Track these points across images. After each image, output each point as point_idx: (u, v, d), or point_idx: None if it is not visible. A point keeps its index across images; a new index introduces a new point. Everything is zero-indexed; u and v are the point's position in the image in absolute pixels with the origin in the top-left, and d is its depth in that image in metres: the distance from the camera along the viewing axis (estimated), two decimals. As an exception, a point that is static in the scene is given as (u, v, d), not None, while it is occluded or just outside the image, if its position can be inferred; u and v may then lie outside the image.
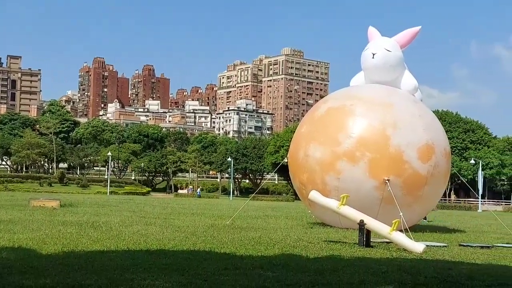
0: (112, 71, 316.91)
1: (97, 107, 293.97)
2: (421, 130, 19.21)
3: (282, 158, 65.71)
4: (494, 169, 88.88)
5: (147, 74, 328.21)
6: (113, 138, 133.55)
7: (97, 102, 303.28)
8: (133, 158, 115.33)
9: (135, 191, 79.24)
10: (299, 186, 20.80)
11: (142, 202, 44.73)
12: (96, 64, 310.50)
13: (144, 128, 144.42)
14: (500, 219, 28.21)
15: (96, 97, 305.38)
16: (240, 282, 8.44)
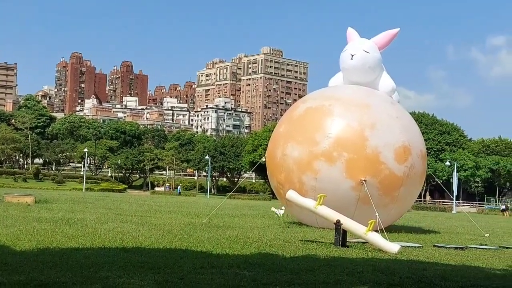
0: (90, 66, 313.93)
1: (74, 103, 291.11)
2: (398, 132, 19.37)
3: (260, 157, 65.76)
4: (468, 171, 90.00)
5: (125, 70, 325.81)
6: (89, 134, 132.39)
7: (74, 97, 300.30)
8: (110, 154, 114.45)
9: (111, 188, 78.66)
10: (277, 185, 20.84)
11: (118, 199, 44.42)
12: (73, 59, 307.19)
13: (121, 124, 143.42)
14: (474, 220, 28.60)
15: (73, 92, 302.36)
16: (216, 281, 8.43)
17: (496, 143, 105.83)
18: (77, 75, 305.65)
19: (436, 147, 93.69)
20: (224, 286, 8.11)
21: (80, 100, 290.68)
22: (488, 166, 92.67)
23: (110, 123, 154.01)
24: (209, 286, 8.03)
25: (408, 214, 34.76)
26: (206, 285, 8.08)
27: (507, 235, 24.28)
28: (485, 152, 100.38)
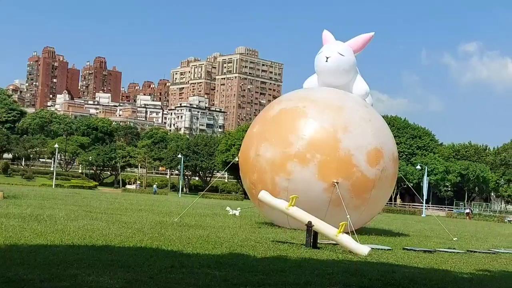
0: (62, 61, 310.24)
1: (45, 98, 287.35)
2: (370, 135, 19.52)
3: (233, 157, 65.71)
4: (439, 175, 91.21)
5: (98, 66, 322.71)
6: (60, 130, 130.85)
7: (46, 92, 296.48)
8: (81, 151, 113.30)
9: (81, 184, 77.86)
10: (249, 185, 20.84)
11: (88, 196, 43.98)
12: (46, 54, 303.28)
13: (93, 121, 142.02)
14: (442, 224, 28.96)
15: (45, 87, 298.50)
16: (187, 280, 8.39)
17: (466, 148, 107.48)
18: (49, 70, 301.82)
19: (408, 151, 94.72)
20: (194, 285, 8.07)
21: (52, 95, 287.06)
22: (458, 171, 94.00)
23: (81, 119, 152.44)
24: (179, 286, 7.98)
25: (378, 217, 35.04)
26: (176, 285, 8.03)
27: (474, 239, 24.65)
28: (455, 156, 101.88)
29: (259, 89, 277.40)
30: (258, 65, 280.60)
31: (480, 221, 63.57)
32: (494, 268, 13.27)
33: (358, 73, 21.99)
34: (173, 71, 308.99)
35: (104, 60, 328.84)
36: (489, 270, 12.65)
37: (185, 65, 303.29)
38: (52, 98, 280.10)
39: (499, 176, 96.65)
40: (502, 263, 14.63)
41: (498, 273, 12.42)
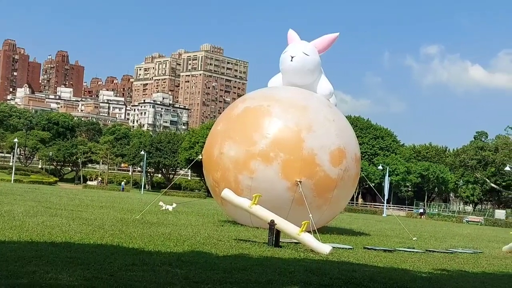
0: (24, 54, 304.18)
1: (5, 91, 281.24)
2: (334, 135, 19.66)
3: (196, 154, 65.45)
4: (400, 175, 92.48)
5: (60, 60, 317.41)
6: (20, 124, 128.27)
7: (6, 85, 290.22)
8: (41, 146, 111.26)
9: (41, 180, 76.48)
10: (212, 183, 20.78)
11: (48, 192, 43.25)
12: (6, 46, 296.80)
13: (54, 115, 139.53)
14: (402, 224, 29.39)
15: (5, 80, 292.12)
16: (147, 278, 8.32)
17: (427, 149, 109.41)
18: (9, 63, 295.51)
19: (370, 151, 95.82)
20: (155, 283, 8.01)
21: (12, 89, 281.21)
22: (418, 171, 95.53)
23: (42, 114, 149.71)
24: (140, 283, 7.91)
25: (340, 216, 35.38)
26: (136, 282, 7.95)
27: (433, 239, 25.07)
28: (416, 157, 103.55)
29: (224, 87, 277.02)
30: (223, 62, 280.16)
31: (439, 221, 64.83)
32: (452, 267, 13.52)
33: (322, 73, 22.13)
34: (137, 67, 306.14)
35: (66, 54, 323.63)
36: (447, 270, 12.88)
37: (149, 61, 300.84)
38: (12, 91, 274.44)
39: (458, 177, 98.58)
40: (460, 262, 14.92)
41: (455, 272, 12.66)
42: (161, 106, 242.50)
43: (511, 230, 38.18)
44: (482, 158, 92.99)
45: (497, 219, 73.72)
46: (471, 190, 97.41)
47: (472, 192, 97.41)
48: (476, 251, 19.20)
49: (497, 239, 29.39)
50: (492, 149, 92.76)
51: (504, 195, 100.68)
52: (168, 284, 8.02)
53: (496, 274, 13.08)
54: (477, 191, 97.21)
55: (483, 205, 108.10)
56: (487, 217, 75.27)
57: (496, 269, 14.08)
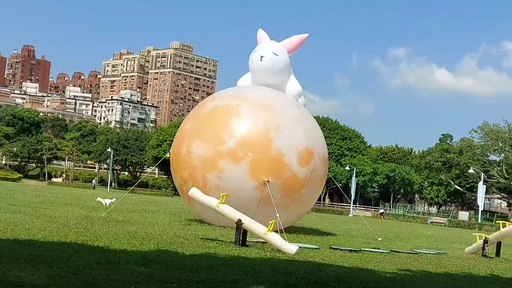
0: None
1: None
2: (302, 135, 19.74)
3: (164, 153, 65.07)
4: (366, 176, 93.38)
5: (26, 55, 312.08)
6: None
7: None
8: (5, 141, 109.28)
9: (5, 176, 75.06)
10: (180, 182, 20.68)
11: (12, 188, 42.50)
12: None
13: (19, 111, 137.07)
14: (368, 224, 29.67)
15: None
16: (112, 277, 8.24)
17: (393, 151, 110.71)
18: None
19: (338, 152, 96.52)
20: (120, 282, 7.93)
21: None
22: (385, 173, 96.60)
23: (7, 109, 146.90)
24: (104, 282, 7.82)
25: (307, 216, 35.55)
26: (101, 281, 7.86)
27: (398, 239, 25.37)
28: (382, 159, 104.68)
29: (193, 85, 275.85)
30: (192, 60, 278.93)
31: (404, 222, 65.65)
32: (416, 268, 13.70)
33: (291, 74, 22.20)
34: (105, 63, 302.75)
35: (32, 48, 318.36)
36: (411, 270, 13.05)
37: (118, 58, 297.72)
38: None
39: (423, 179, 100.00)
40: (423, 263, 15.13)
41: (419, 272, 12.84)
42: (129, 103, 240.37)
43: (474, 231, 38.86)
44: (447, 160, 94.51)
45: (460, 220, 75.06)
46: (436, 192, 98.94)
47: (436, 193, 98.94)
48: (440, 252, 19.49)
49: (460, 240, 29.90)
50: (457, 151, 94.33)
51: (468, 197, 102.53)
52: (133, 283, 7.95)
53: (459, 274, 13.30)
54: (441, 192, 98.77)
55: (447, 207, 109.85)
56: (450, 219, 76.54)
57: (458, 269, 14.33)
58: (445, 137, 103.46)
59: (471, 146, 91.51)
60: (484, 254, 18.73)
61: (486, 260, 17.89)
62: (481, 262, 17.04)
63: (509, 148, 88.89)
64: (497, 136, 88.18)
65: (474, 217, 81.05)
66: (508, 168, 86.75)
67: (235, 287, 8.54)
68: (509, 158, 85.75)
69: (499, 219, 64.02)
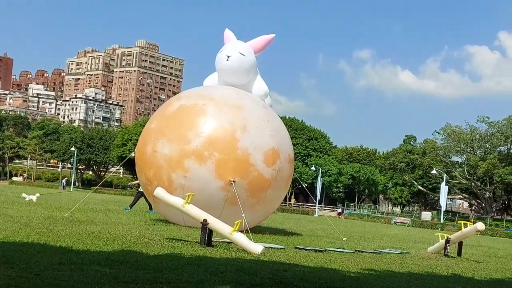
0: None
1: None
2: (268, 135, 19.77)
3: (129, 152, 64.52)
4: (332, 176, 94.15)
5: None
6: None
7: None
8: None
9: (-35, 175, 73.47)
10: (145, 182, 20.50)
11: (-28, 188, 41.55)
12: None
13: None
14: (333, 224, 29.92)
15: None
16: (75, 277, 8.12)
17: (358, 151, 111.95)
18: None
19: (304, 152, 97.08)
20: (83, 283, 7.82)
21: None
22: (350, 173, 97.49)
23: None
24: (67, 283, 7.70)
25: (273, 216, 35.66)
26: (63, 282, 7.74)
27: (362, 239, 25.63)
28: (347, 159, 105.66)
29: (159, 84, 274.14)
30: (158, 59, 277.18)
31: (368, 222, 66.42)
32: (379, 267, 13.86)
33: (258, 74, 22.22)
34: (69, 61, 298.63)
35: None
36: (375, 270, 13.19)
37: (82, 56, 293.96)
38: None
39: (388, 179, 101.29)
40: (387, 262, 15.31)
41: (382, 272, 12.98)
42: (94, 101, 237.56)
43: (436, 231, 39.52)
44: (410, 161, 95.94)
45: (423, 220, 76.34)
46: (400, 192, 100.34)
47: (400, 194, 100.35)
48: (403, 252, 19.76)
49: (423, 240, 30.36)
50: (420, 152, 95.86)
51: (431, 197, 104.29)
52: (96, 284, 7.85)
53: (421, 274, 13.50)
54: (405, 193, 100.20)
55: (411, 207, 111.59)
56: (414, 219, 77.76)
57: (421, 269, 14.54)
58: (408, 138, 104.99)
59: (434, 147, 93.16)
60: (446, 253, 19.05)
61: (448, 259, 18.20)
62: (443, 261, 17.33)
63: (471, 150, 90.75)
64: (459, 138, 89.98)
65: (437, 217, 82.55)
66: (470, 169, 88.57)
67: (200, 287, 8.50)
68: (471, 160, 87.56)
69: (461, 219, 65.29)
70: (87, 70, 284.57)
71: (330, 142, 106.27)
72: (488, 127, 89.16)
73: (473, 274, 14.56)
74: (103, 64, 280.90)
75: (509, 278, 14.57)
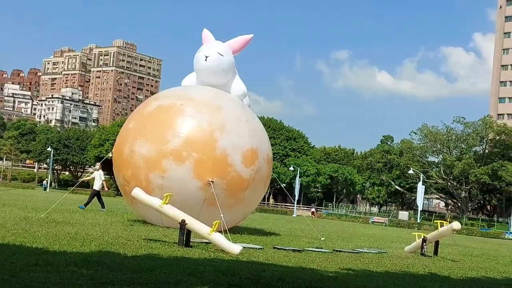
0: None
1: None
2: (246, 135, 19.76)
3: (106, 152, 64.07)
4: (310, 176, 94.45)
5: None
6: None
7: None
8: None
9: None
10: (123, 182, 20.36)
11: None
12: None
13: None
14: (312, 224, 30.01)
15: None
16: (51, 279, 8.03)
17: (336, 151, 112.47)
18: None
19: (282, 152, 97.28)
20: (60, 284, 7.74)
21: None
22: (328, 173, 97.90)
23: None
24: (43, 285, 7.62)
25: (251, 216, 35.67)
26: (39, 284, 7.65)
27: (340, 239, 25.74)
28: (326, 159, 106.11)
29: (137, 84, 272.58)
30: (136, 59, 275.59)
31: (346, 222, 66.76)
32: (357, 267, 13.93)
33: (236, 74, 22.20)
34: (45, 60, 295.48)
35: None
36: (353, 269, 13.26)
37: (59, 55, 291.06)
38: None
39: (365, 179, 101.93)
40: (365, 262, 15.40)
41: (360, 271, 13.06)
42: (70, 101, 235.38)
43: (413, 230, 39.88)
44: (387, 161, 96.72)
45: (400, 220, 76.96)
46: (377, 192, 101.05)
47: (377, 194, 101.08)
48: (380, 251, 19.89)
49: (400, 239, 30.60)
50: (397, 152, 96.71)
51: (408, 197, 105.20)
52: (73, 285, 7.77)
53: (398, 273, 13.60)
54: (382, 193, 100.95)
55: (388, 207, 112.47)
56: (391, 218, 78.39)
57: (398, 268, 14.65)
58: (386, 139, 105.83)
59: (411, 147, 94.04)
60: (423, 253, 19.22)
61: (425, 258, 18.37)
62: (419, 260, 17.48)
63: (447, 150, 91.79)
64: (435, 138, 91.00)
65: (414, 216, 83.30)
66: (446, 169, 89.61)
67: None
68: (447, 160, 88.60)
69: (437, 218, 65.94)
70: (63, 69, 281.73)
71: (308, 142, 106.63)
72: (464, 128, 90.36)
73: (449, 273, 14.71)
74: (80, 64, 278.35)
75: (484, 277, 14.75)
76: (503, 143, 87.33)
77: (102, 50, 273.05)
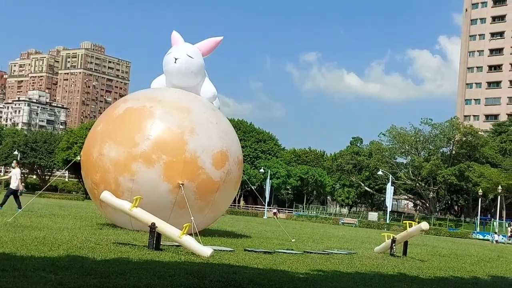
0: None
1: None
2: (216, 137, 19.73)
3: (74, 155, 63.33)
4: (280, 178, 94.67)
5: None
6: None
7: None
8: None
9: None
10: (91, 185, 20.13)
11: None
12: None
13: None
14: (282, 226, 30.09)
15: None
16: (19, 284, 7.89)
17: (306, 153, 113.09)
18: None
19: (252, 154, 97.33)
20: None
21: None
22: (298, 175, 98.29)
23: None
24: (10, 291, 7.49)
25: (222, 218, 35.60)
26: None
27: (311, 240, 25.87)
28: (296, 161, 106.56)
29: (105, 86, 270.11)
30: (104, 61, 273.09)
31: (317, 223, 67.14)
32: (328, 268, 14.01)
33: (206, 76, 22.16)
34: (12, 62, 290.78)
35: None
36: (323, 270, 13.33)
37: (25, 58, 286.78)
38: None
39: (335, 181, 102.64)
40: (335, 263, 15.49)
41: (331, 272, 13.13)
42: (37, 104, 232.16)
43: (383, 231, 40.29)
44: (357, 162, 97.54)
45: (370, 221, 77.74)
46: (347, 193, 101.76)
47: (347, 195, 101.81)
48: (350, 252, 20.04)
49: (370, 240, 30.88)
50: (367, 154, 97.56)
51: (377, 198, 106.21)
52: (41, 291, 7.65)
53: (368, 273, 13.71)
54: (352, 194, 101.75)
55: (358, 208, 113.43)
56: (361, 219, 79.09)
57: (368, 269, 14.77)
58: (355, 140, 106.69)
59: (380, 149, 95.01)
60: (392, 253, 19.42)
61: (394, 259, 18.57)
62: (389, 261, 17.66)
63: (415, 151, 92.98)
64: (403, 140, 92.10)
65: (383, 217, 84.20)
66: (414, 170, 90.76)
67: (149, 291, 8.40)
68: (415, 161, 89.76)
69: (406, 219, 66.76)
70: (30, 72, 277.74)
71: (279, 144, 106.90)
72: (431, 129, 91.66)
73: (418, 273, 14.89)
74: (47, 66, 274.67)
75: (452, 277, 14.97)
76: (470, 144, 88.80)
77: (69, 52, 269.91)
